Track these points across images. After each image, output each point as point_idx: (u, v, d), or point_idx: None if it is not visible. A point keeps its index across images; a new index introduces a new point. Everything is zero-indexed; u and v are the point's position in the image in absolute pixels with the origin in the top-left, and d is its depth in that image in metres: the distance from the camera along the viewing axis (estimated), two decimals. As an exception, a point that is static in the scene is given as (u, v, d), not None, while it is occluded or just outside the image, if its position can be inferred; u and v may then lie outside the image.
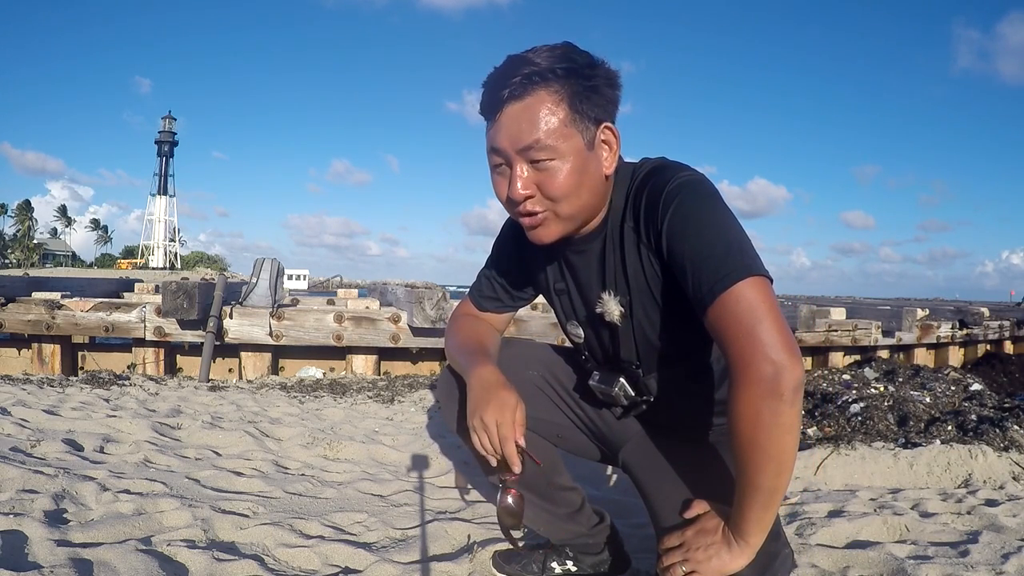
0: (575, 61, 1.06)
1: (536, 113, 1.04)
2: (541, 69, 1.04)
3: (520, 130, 1.05)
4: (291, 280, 40.25)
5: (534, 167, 1.07)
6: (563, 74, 1.05)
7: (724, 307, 0.97)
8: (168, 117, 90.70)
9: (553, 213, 1.10)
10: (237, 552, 1.64)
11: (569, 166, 1.06)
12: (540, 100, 1.04)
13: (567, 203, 1.09)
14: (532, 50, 1.07)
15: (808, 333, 5.49)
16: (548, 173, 1.07)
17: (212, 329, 4.36)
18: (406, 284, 7.09)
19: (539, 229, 1.12)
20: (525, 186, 1.07)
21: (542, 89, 1.04)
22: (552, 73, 1.04)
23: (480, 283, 1.43)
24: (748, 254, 1.00)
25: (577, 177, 1.07)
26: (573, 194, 1.08)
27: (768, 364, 0.93)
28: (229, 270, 77.93)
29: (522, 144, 1.05)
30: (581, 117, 1.06)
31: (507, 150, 1.07)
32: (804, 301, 9.98)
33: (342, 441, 2.76)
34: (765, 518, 1.01)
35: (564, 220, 1.11)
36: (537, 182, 1.07)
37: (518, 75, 1.04)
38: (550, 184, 1.07)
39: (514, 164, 1.07)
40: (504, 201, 1.12)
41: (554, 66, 1.04)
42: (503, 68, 1.07)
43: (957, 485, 2.43)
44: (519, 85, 1.04)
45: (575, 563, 1.57)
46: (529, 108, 1.04)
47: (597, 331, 1.27)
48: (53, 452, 2.34)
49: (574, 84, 1.05)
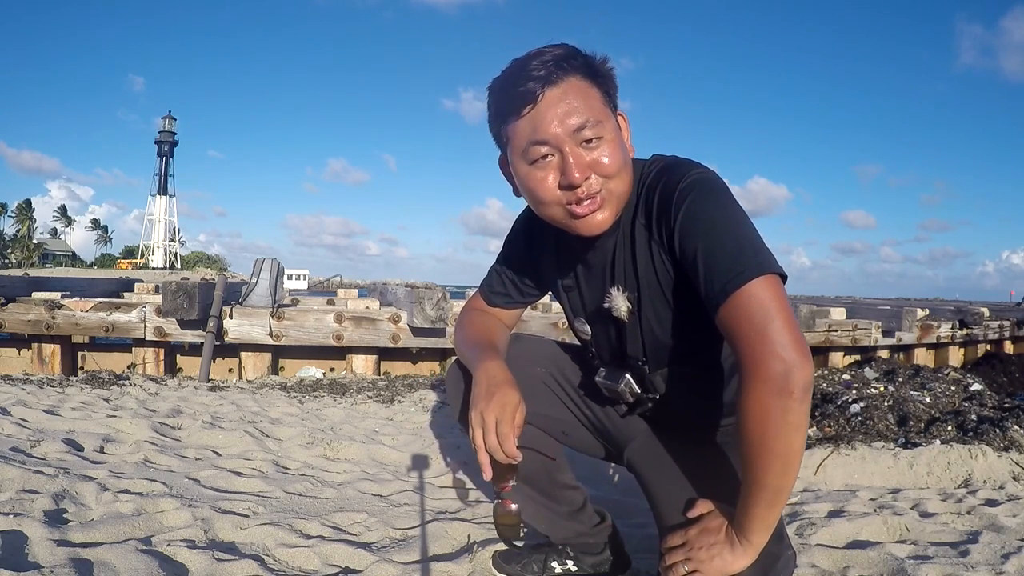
0: (584, 55, 1.09)
1: (578, 95, 1.05)
2: (563, 58, 1.06)
3: (568, 112, 1.04)
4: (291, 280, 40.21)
5: (586, 147, 1.06)
6: (583, 62, 1.08)
7: (736, 305, 0.97)
8: (168, 117, 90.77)
9: (609, 193, 1.08)
10: (237, 552, 1.64)
11: (616, 142, 1.08)
12: (576, 84, 1.06)
13: (619, 179, 1.09)
14: (538, 50, 1.07)
15: (808, 333, 5.49)
16: (601, 151, 1.06)
17: (212, 329, 4.36)
18: (406, 284, 7.11)
19: (597, 213, 1.09)
20: (583, 168, 1.05)
21: (573, 75, 1.06)
22: (575, 59, 1.07)
23: (491, 278, 1.44)
24: (761, 252, 1.01)
25: (623, 153, 1.09)
26: (624, 169, 1.09)
27: (778, 362, 0.93)
28: (229, 270, 77.97)
29: (574, 126, 1.04)
30: (609, 100, 1.10)
31: (559, 135, 1.05)
32: (804, 301, 9.98)
33: (342, 441, 2.76)
34: (769, 517, 1.01)
35: (616, 200, 1.10)
36: (591, 162, 1.06)
37: (543, 66, 1.04)
38: (604, 160, 1.06)
39: (566, 149, 1.05)
40: (549, 195, 1.09)
41: (572, 56, 1.07)
42: (520, 66, 1.06)
43: (957, 485, 2.43)
44: (552, 72, 1.04)
45: (576, 563, 1.57)
46: (569, 92, 1.05)
47: (604, 327, 1.27)
48: (53, 452, 2.34)
49: (594, 70, 1.09)
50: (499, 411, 1.14)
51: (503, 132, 1.11)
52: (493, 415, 1.14)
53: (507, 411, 1.14)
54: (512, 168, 1.13)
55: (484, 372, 1.21)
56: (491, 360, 1.24)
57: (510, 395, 1.16)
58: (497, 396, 1.16)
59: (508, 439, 1.12)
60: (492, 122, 1.13)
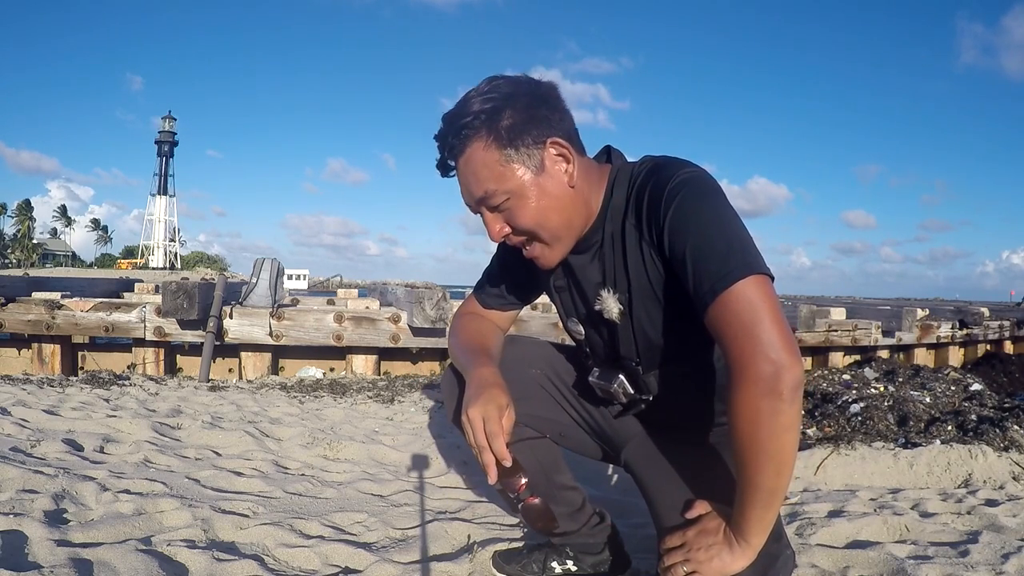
0: (497, 97, 1.08)
1: (475, 166, 1.10)
2: (467, 120, 1.08)
3: (469, 185, 1.12)
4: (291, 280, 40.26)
5: (498, 210, 1.13)
6: (487, 119, 1.08)
7: (724, 306, 0.97)
8: (168, 117, 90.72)
9: (536, 243, 1.16)
10: (237, 552, 1.64)
11: (524, 200, 1.11)
12: (474, 152, 1.10)
13: (542, 231, 1.14)
14: (461, 101, 1.11)
15: (808, 333, 5.49)
16: (510, 213, 1.12)
17: (212, 329, 4.36)
18: (406, 284, 7.11)
19: (540, 260, 1.18)
20: (498, 230, 1.14)
21: (473, 141, 1.09)
22: (477, 120, 1.08)
23: (484, 281, 1.45)
24: (750, 252, 1.00)
25: (537, 205, 1.11)
26: (542, 221, 1.12)
27: (767, 363, 0.93)
28: (229, 270, 78.00)
29: (476, 198, 1.13)
30: (518, 149, 1.09)
31: (471, 204, 1.15)
32: (804, 301, 9.99)
33: (342, 441, 2.76)
34: (766, 518, 1.01)
35: (552, 243, 1.15)
36: (507, 221, 1.14)
37: (451, 135, 1.10)
38: (516, 222, 1.13)
39: (481, 213, 1.15)
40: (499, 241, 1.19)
41: (478, 112, 1.08)
42: (441, 131, 1.13)
43: (957, 485, 2.43)
44: (454, 144, 1.11)
45: (575, 563, 1.57)
46: (468, 163, 1.11)
47: (596, 328, 1.27)
48: (53, 452, 2.34)
49: (500, 122, 1.08)
50: (484, 410, 1.14)
51: None
52: (479, 414, 1.14)
53: (492, 410, 1.14)
54: None
55: (475, 377, 1.22)
56: (484, 366, 1.25)
57: (498, 396, 1.17)
58: (485, 395, 1.16)
59: (497, 437, 1.12)
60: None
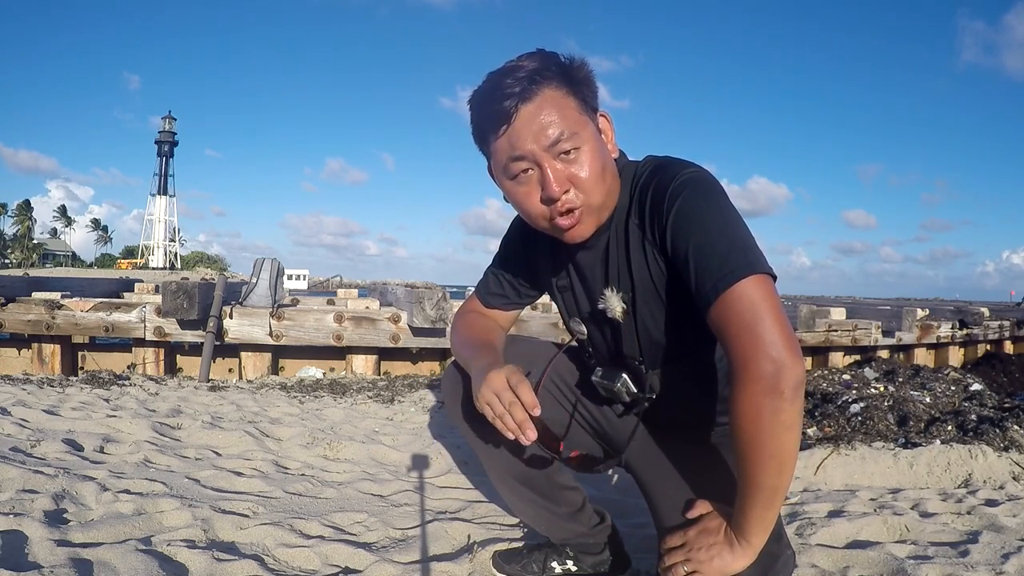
0: (558, 60, 1.09)
1: (553, 108, 1.06)
2: (536, 70, 1.06)
3: (543, 127, 1.05)
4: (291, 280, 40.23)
5: (563, 160, 1.07)
6: (557, 71, 1.08)
7: (726, 305, 0.97)
8: (168, 117, 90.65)
9: (587, 206, 1.10)
10: (237, 552, 1.64)
11: (594, 152, 1.09)
12: (550, 96, 1.06)
13: (598, 190, 1.10)
14: (512, 62, 1.09)
15: (808, 333, 5.49)
16: (578, 163, 1.07)
17: (212, 329, 4.36)
18: (406, 284, 7.11)
19: (578, 227, 1.11)
20: (562, 182, 1.07)
21: (547, 87, 1.06)
22: (548, 71, 1.07)
23: (487, 280, 1.44)
24: (751, 252, 1.01)
25: (601, 161, 1.10)
26: (600, 180, 1.10)
27: (768, 362, 0.93)
28: (229, 270, 78.01)
29: (550, 140, 1.05)
30: (586, 104, 1.10)
31: (535, 151, 1.06)
32: (804, 301, 9.99)
33: (342, 441, 2.76)
34: (767, 517, 1.01)
35: (596, 211, 1.12)
36: (569, 176, 1.08)
37: (517, 82, 1.05)
38: (582, 172, 1.07)
39: (544, 163, 1.07)
40: (534, 209, 1.11)
41: (546, 68, 1.07)
42: (495, 81, 1.08)
43: (957, 485, 2.43)
44: (525, 88, 1.05)
45: (575, 563, 1.57)
46: (543, 106, 1.06)
47: (600, 327, 1.27)
48: (53, 452, 2.34)
49: (574, 75, 1.09)
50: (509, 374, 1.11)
51: (485, 148, 1.14)
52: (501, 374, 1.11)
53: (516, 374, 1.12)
54: (497, 181, 1.16)
55: (482, 366, 1.21)
56: (489, 359, 1.24)
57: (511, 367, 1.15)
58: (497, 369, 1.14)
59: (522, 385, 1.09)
60: (474, 137, 1.16)
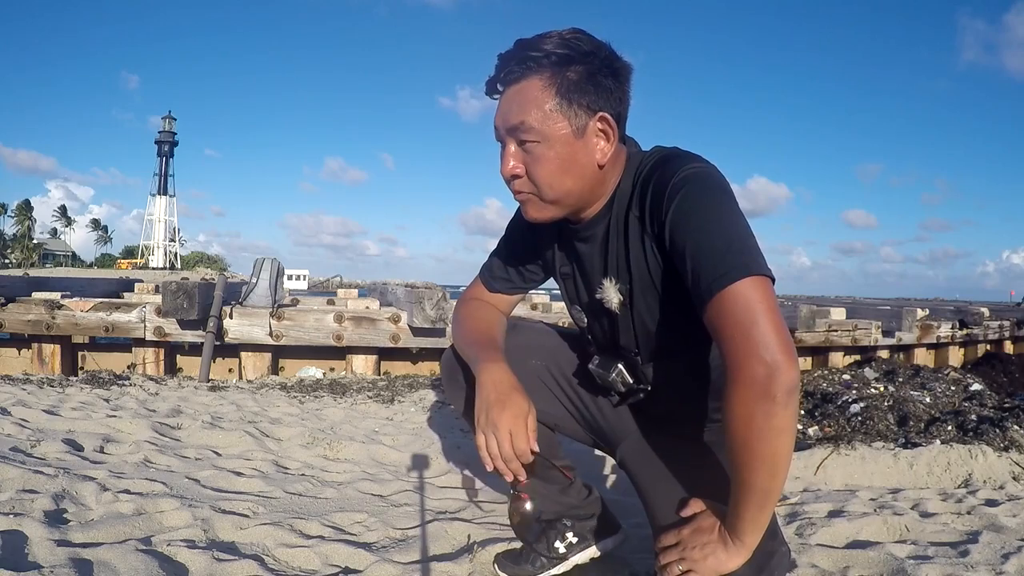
0: (575, 49, 1.08)
1: (525, 97, 1.09)
2: (537, 55, 1.08)
3: (510, 111, 1.10)
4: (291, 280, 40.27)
5: (522, 149, 1.12)
6: (557, 60, 1.08)
7: (721, 305, 0.97)
8: (168, 117, 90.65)
9: (537, 197, 1.14)
10: (237, 552, 1.64)
11: (553, 152, 1.10)
12: (530, 85, 1.09)
13: (549, 189, 1.13)
14: (540, 35, 1.10)
15: (808, 333, 5.49)
16: (533, 156, 1.11)
17: (212, 329, 4.36)
18: (406, 284, 7.11)
19: (529, 211, 1.17)
20: (513, 165, 1.13)
21: (534, 75, 1.09)
22: (547, 59, 1.08)
23: (491, 263, 1.45)
24: (749, 252, 1.00)
25: (560, 163, 1.11)
26: (556, 180, 1.12)
27: (761, 365, 0.92)
28: (229, 270, 77.98)
29: (510, 124, 1.11)
30: (571, 104, 1.09)
31: (499, 128, 1.13)
32: (804, 301, 9.98)
33: (342, 441, 2.76)
34: (760, 518, 1.01)
35: (549, 204, 1.15)
36: (525, 163, 1.12)
37: (516, 60, 1.09)
38: (533, 168, 1.12)
39: (506, 143, 1.13)
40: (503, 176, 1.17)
41: (552, 52, 1.08)
42: (508, 52, 1.11)
43: (957, 485, 2.43)
44: (514, 69, 1.10)
45: (573, 532, 1.57)
46: (521, 92, 1.10)
47: (597, 317, 1.28)
48: (53, 452, 2.34)
49: (568, 71, 1.08)
50: (513, 423, 1.14)
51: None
52: (507, 427, 1.13)
53: (520, 421, 1.14)
54: None
55: (488, 375, 1.21)
56: (494, 361, 1.24)
57: (520, 401, 1.16)
58: (508, 405, 1.15)
59: (526, 453, 1.14)
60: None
